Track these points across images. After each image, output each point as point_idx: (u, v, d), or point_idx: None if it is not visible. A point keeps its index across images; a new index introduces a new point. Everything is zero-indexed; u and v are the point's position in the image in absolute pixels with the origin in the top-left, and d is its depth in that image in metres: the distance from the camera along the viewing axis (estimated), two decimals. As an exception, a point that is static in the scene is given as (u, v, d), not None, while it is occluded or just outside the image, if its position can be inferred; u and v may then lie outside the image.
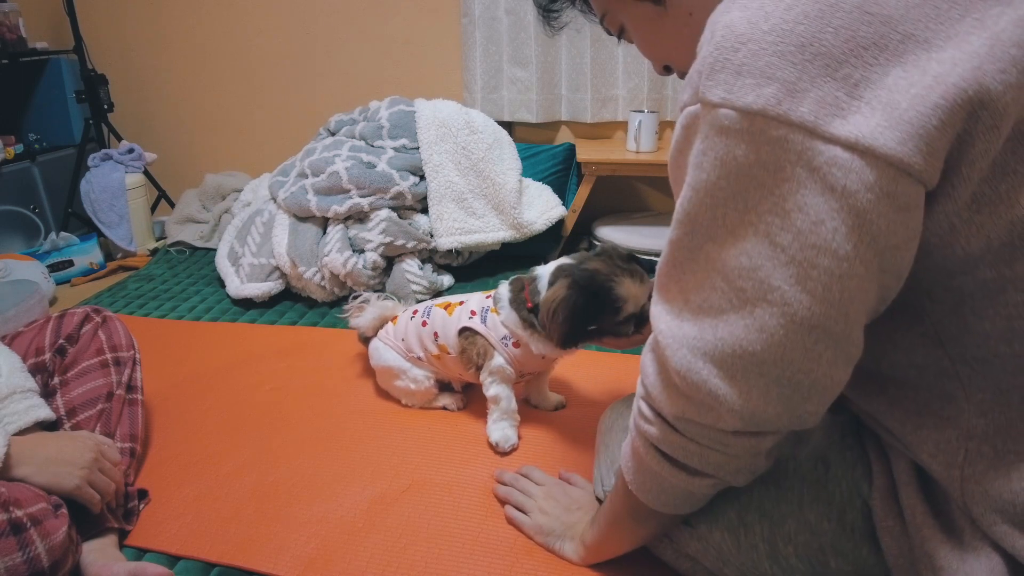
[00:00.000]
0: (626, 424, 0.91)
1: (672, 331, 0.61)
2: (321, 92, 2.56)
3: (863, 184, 0.50)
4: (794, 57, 0.51)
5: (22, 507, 0.82)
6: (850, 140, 0.49)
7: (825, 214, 0.51)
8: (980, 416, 0.58)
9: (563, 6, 0.84)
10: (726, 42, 0.53)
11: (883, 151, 0.49)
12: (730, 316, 0.57)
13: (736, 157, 0.53)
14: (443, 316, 1.24)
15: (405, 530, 1.00)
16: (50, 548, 0.83)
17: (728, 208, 0.55)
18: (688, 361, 0.59)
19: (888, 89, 0.49)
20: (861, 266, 0.52)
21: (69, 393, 1.08)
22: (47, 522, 0.84)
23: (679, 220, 0.59)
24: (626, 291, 1.03)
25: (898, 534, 0.65)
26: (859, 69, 0.50)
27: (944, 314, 0.58)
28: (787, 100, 0.50)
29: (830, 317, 0.54)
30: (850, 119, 0.50)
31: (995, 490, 0.57)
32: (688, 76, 0.57)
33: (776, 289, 0.54)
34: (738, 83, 0.52)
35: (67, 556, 0.86)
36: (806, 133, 0.50)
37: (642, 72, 2.29)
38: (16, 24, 2.39)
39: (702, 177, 0.56)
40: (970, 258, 0.54)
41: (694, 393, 0.60)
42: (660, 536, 0.82)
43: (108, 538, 0.96)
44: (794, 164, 0.51)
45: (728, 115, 0.53)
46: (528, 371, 1.23)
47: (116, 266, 2.30)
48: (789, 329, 0.54)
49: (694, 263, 0.59)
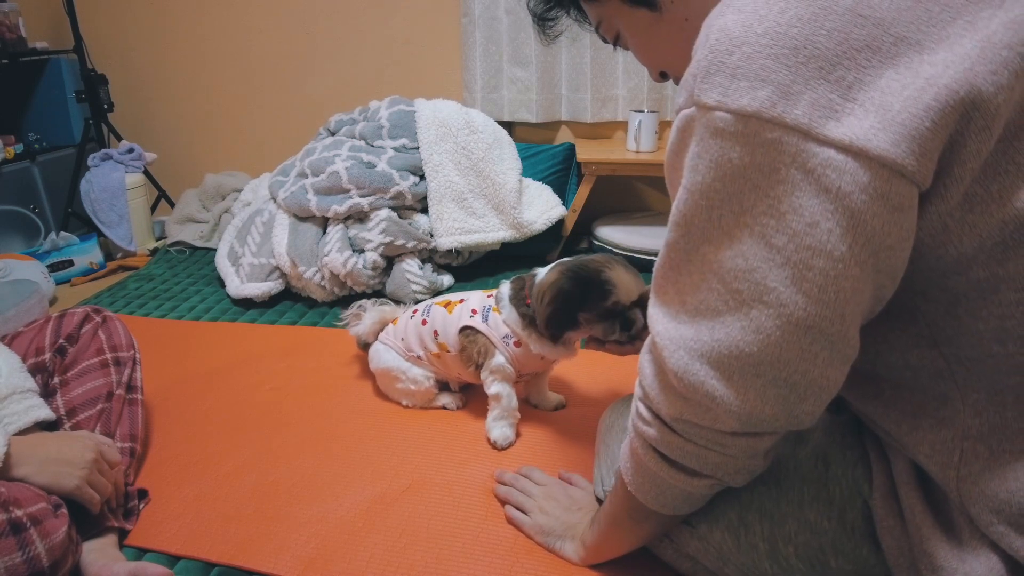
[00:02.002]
0: (626, 424, 0.91)
1: (669, 333, 0.61)
2: (321, 92, 2.56)
3: (857, 185, 0.50)
4: (788, 60, 0.51)
5: (22, 507, 0.82)
6: (844, 142, 0.50)
7: (820, 216, 0.51)
8: (975, 416, 0.59)
9: (558, 15, 0.84)
10: (720, 45, 0.53)
11: (876, 152, 0.49)
12: (726, 318, 0.57)
13: (731, 159, 0.54)
14: (443, 314, 1.24)
15: (405, 530, 1.00)
16: (50, 548, 0.83)
17: (724, 210, 0.56)
18: (685, 363, 0.59)
19: (881, 91, 0.50)
20: (856, 267, 0.53)
21: (69, 393, 1.08)
22: (47, 522, 0.84)
23: (675, 222, 0.60)
24: (616, 276, 1.04)
25: (898, 533, 0.65)
26: (852, 71, 0.50)
27: (938, 315, 0.58)
28: (781, 103, 0.51)
29: (826, 318, 0.54)
30: (844, 121, 0.50)
31: (991, 490, 0.57)
32: (683, 79, 0.58)
33: (772, 291, 0.54)
34: (733, 86, 0.52)
35: (67, 556, 0.86)
36: (800, 135, 0.51)
37: (642, 72, 2.29)
38: (16, 24, 2.38)
39: (697, 179, 0.56)
40: (963, 258, 0.54)
41: (691, 394, 0.60)
42: (660, 536, 0.82)
43: (108, 538, 0.96)
44: (789, 166, 0.52)
45: (723, 118, 0.53)
46: (528, 371, 1.23)
47: (116, 266, 2.30)
48: (785, 330, 0.55)
49: (690, 265, 0.60)
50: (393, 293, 1.89)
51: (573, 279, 1.05)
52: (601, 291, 1.04)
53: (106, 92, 2.47)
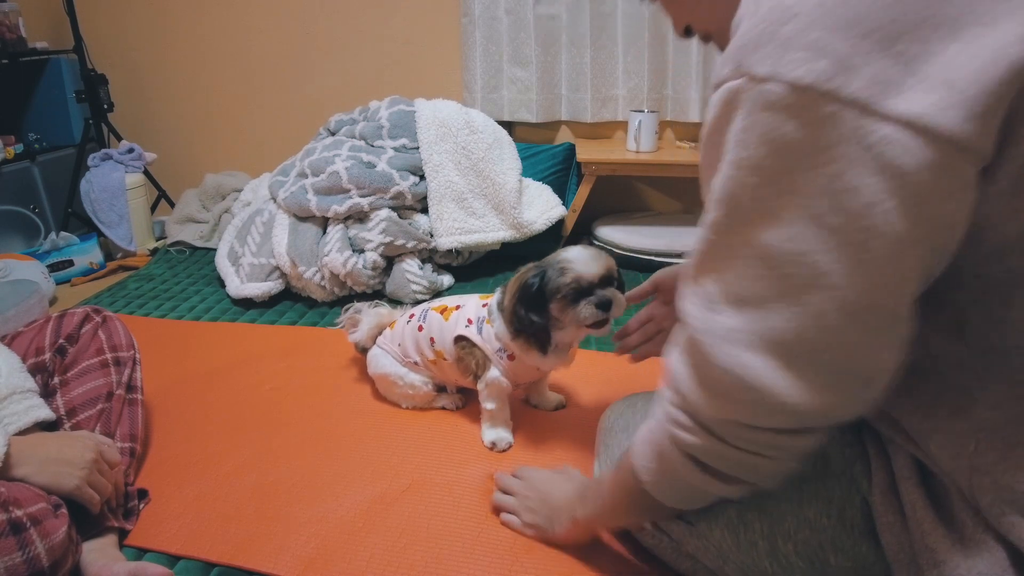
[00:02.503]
0: (627, 424, 0.91)
1: (710, 326, 0.58)
2: (321, 92, 2.56)
3: (920, 163, 0.48)
4: (846, 32, 0.49)
5: (22, 507, 0.82)
6: (906, 118, 0.48)
7: (878, 194, 0.49)
8: (992, 408, 0.58)
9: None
10: (773, 15, 0.51)
11: (941, 129, 0.47)
12: (777, 305, 0.54)
13: (784, 134, 0.51)
14: (439, 321, 1.23)
15: (405, 530, 1.00)
16: (50, 548, 0.83)
17: (773, 188, 0.53)
18: (734, 356, 0.56)
19: (944, 66, 0.48)
20: (915, 247, 0.51)
21: (69, 393, 1.08)
22: (47, 522, 0.84)
23: (718, 200, 0.56)
24: (571, 255, 1.03)
25: (898, 530, 0.65)
26: (914, 45, 0.48)
27: (968, 302, 0.57)
28: (839, 76, 0.49)
29: (884, 300, 0.52)
30: (906, 96, 0.48)
31: (1005, 480, 0.57)
32: (728, 51, 0.55)
33: (826, 274, 0.52)
34: (786, 57, 0.50)
35: (67, 556, 0.86)
36: (859, 110, 0.49)
37: (642, 72, 2.29)
38: (16, 24, 2.39)
39: (745, 155, 0.53)
40: (1004, 244, 0.53)
41: (742, 392, 0.57)
42: (655, 518, 0.82)
43: (108, 538, 0.96)
44: (846, 142, 0.49)
45: (775, 90, 0.50)
46: (524, 382, 1.23)
47: (116, 266, 2.30)
48: (843, 315, 0.52)
49: (732, 249, 0.56)
50: (393, 293, 1.89)
51: (531, 270, 1.05)
52: (558, 272, 1.02)
53: (106, 92, 2.47)
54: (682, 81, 2.30)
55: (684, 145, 2.34)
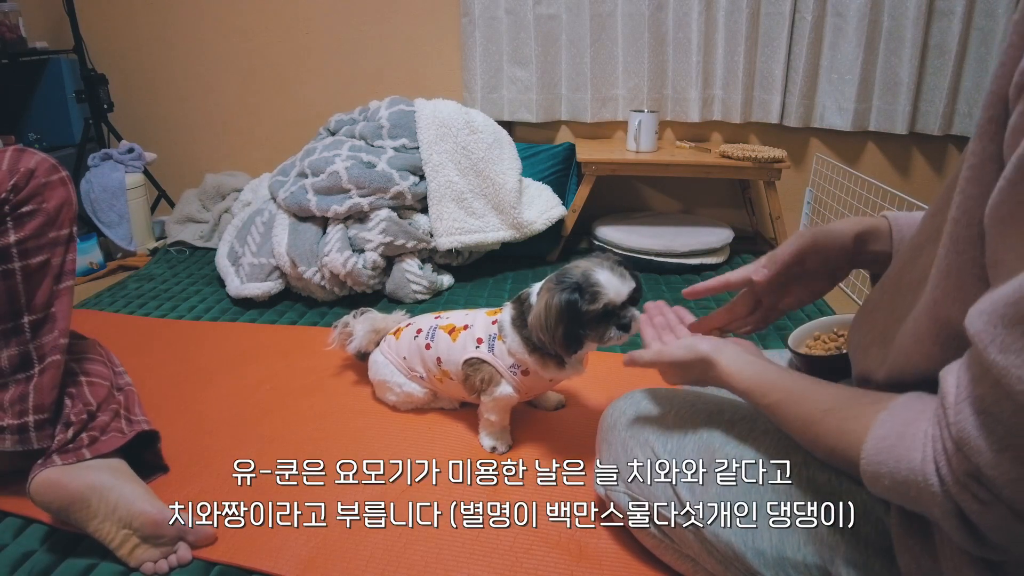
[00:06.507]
0: (627, 422, 0.90)
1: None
2: (321, 92, 2.56)
3: None
4: None
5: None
6: None
7: None
8: None
9: None
10: None
11: None
12: None
13: None
14: (447, 343, 1.22)
15: (405, 530, 1.00)
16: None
17: None
18: None
19: None
20: None
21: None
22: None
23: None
24: (603, 278, 1.02)
25: (918, 552, 0.60)
26: None
27: None
28: None
29: None
30: None
31: None
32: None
33: None
34: None
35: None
36: None
37: (642, 72, 2.29)
38: (16, 24, 2.39)
39: None
40: None
41: None
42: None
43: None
44: None
45: None
46: (534, 395, 1.23)
47: (116, 266, 2.30)
48: None
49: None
50: (393, 293, 1.89)
51: (570, 289, 1.03)
52: (592, 295, 1.03)
53: (106, 92, 2.47)
54: (682, 81, 2.30)
55: (684, 145, 2.34)
